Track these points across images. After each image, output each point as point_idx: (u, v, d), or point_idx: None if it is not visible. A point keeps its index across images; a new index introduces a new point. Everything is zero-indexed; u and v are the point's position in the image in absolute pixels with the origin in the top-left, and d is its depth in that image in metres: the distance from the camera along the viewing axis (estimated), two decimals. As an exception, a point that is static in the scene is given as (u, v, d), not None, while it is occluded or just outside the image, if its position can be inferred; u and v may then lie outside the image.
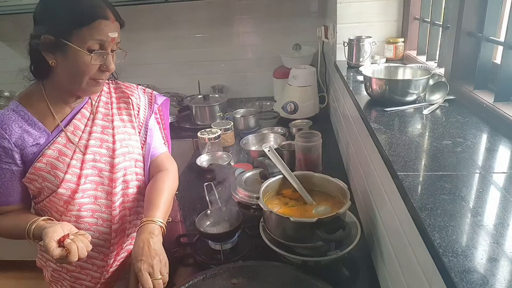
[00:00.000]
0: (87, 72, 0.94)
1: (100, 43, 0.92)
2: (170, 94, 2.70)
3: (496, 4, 1.03)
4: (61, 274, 1.16)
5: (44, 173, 0.99)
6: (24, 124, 0.98)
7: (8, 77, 2.86)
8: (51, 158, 0.99)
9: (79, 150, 1.03)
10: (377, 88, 1.14)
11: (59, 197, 1.02)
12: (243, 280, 0.95)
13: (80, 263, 1.11)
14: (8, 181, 1.00)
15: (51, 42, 0.91)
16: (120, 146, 1.09)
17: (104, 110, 1.10)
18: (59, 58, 0.93)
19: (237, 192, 1.37)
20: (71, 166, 1.01)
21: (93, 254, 1.11)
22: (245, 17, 2.57)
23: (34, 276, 2.67)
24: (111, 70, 0.98)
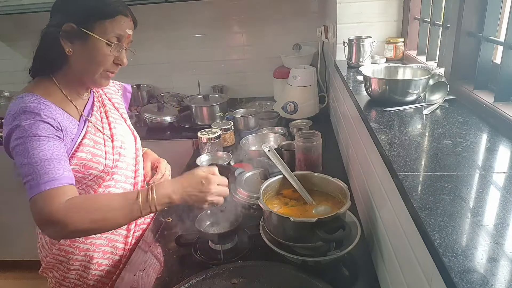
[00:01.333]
0: (103, 63, 0.99)
1: (118, 37, 0.98)
2: (170, 94, 2.70)
3: (496, 4, 1.03)
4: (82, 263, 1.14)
5: (87, 161, 1.02)
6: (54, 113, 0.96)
7: (8, 77, 2.87)
8: (89, 147, 1.04)
9: (108, 138, 1.10)
10: (377, 88, 1.14)
11: (98, 181, 1.07)
12: (243, 280, 0.95)
13: (103, 248, 1.15)
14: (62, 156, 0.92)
15: (72, 30, 0.95)
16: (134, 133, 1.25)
17: (108, 102, 1.19)
18: (77, 47, 0.97)
19: (237, 192, 1.37)
20: (107, 153, 1.08)
21: (114, 237, 1.17)
22: (245, 17, 2.57)
23: (34, 276, 2.66)
24: (124, 64, 1.03)
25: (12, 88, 2.73)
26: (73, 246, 1.11)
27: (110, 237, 1.16)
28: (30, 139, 0.89)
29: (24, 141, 0.89)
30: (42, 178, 0.86)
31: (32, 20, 2.66)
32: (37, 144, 0.89)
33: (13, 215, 2.54)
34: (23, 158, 0.88)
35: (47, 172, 0.87)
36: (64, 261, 1.14)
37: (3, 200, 2.49)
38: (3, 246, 2.66)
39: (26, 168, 0.88)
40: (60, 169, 0.89)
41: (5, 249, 2.66)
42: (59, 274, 1.17)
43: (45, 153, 0.88)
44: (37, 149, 0.88)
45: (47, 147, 0.90)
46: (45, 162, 0.87)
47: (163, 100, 2.58)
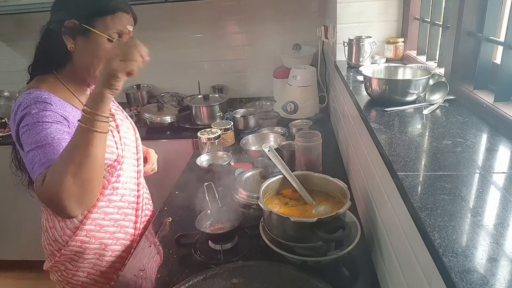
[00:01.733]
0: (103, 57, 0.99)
1: (119, 33, 1.01)
2: (170, 94, 2.70)
3: (496, 4, 1.03)
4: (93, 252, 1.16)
5: None
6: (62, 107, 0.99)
7: (8, 77, 2.87)
8: None
9: (114, 129, 1.16)
10: (377, 88, 1.14)
11: (111, 170, 1.13)
12: (243, 280, 0.95)
13: (116, 235, 1.20)
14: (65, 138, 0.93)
15: (74, 26, 0.97)
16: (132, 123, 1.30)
17: None
18: (79, 43, 0.99)
19: (237, 192, 1.37)
20: (117, 143, 1.14)
21: (124, 224, 1.23)
22: (245, 17, 2.57)
23: (34, 276, 2.67)
24: None
25: (12, 88, 2.73)
26: (89, 235, 1.14)
27: (122, 224, 1.22)
28: (35, 125, 0.91)
29: (29, 128, 0.91)
30: (50, 155, 0.89)
31: (32, 20, 2.65)
32: (42, 128, 0.91)
33: (13, 215, 2.54)
34: (29, 144, 0.91)
35: (54, 151, 0.89)
36: (80, 251, 1.15)
37: (3, 200, 2.49)
38: (3, 246, 2.66)
39: (31, 154, 0.90)
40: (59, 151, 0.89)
41: (5, 249, 2.66)
42: (73, 265, 1.17)
43: (46, 137, 0.90)
44: (42, 132, 0.91)
45: (54, 128, 0.92)
46: (52, 142, 0.90)
47: (163, 100, 2.57)
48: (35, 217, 2.58)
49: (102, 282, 1.21)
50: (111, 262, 1.21)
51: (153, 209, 1.45)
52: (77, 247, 1.14)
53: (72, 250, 1.15)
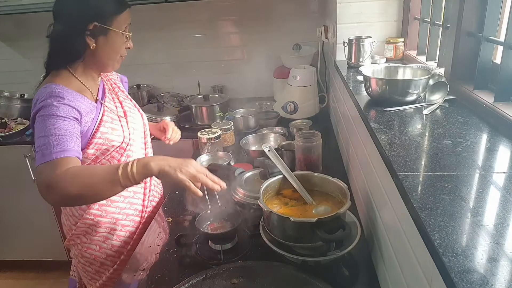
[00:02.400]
0: (120, 50, 1.19)
1: (127, 26, 1.18)
2: (170, 94, 2.70)
3: (496, 4, 1.03)
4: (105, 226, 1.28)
5: (108, 135, 1.19)
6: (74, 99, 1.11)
7: (8, 77, 2.87)
8: (108, 123, 1.20)
9: (122, 115, 1.27)
10: (377, 88, 1.14)
11: (120, 151, 1.24)
12: (243, 280, 0.95)
13: (126, 211, 1.31)
14: (75, 133, 1.07)
15: (96, 28, 1.11)
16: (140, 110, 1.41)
17: (115, 86, 1.36)
18: (100, 41, 1.14)
19: (237, 192, 1.37)
20: (124, 127, 1.25)
21: (133, 201, 1.34)
22: (245, 17, 2.57)
23: (34, 276, 2.67)
24: (132, 47, 1.23)
25: (12, 88, 2.73)
26: (101, 209, 1.26)
27: (131, 201, 1.33)
28: (49, 117, 1.03)
29: (44, 119, 1.04)
30: (54, 148, 0.99)
31: (32, 20, 2.66)
32: (55, 121, 1.03)
33: (13, 216, 2.54)
34: (40, 132, 1.02)
35: (60, 144, 1.00)
36: (93, 224, 1.26)
37: (3, 200, 2.49)
38: (3, 246, 2.66)
39: (41, 140, 1.01)
40: (71, 143, 1.03)
41: (5, 249, 2.66)
42: (87, 238, 1.28)
43: (60, 129, 1.03)
44: (54, 125, 1.03)
45: (63, 125, 1.04)
46: (59, 136, 1.01)
47: (163, 100, 2.57)
48: (35, 217, 2.59)
49: (113, 256, 1.31)
50: (121, 237, 1.31)
51: (162, 192, 1.55)
52: (90, 220, 1.25)
53: (86, 223, 1.26)
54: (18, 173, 2.36)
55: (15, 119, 2.57)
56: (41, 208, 2.46)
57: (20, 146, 2.32)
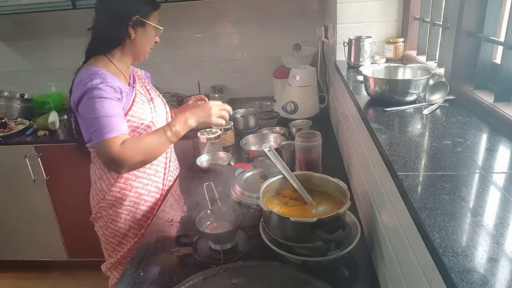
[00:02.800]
0: (151, 42, 1.39)
1: (158, 21, 1.38)
2: (170, 94, 2.70)
3: (496, 4, 1.03)
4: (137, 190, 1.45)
5: (139, 114, 1.36)
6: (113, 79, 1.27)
7: (8, 77, 2.87)
8: (140, 104, 1.37)
9: (149, 100, 1.44)
10: (377, 88, 1.14)
11: (148, 129, 1.38)
12: (243, 280, 0.95)
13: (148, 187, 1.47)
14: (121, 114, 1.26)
15: (137, 21, 1.31)
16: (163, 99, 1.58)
17: (142, 77, 1.53)
18: (138, 32, 1.33)
19: (237, 192, 1.37)
20: (151, 109, 1.42)
21: (155, 178, 1.49)
22: (245, 17, 2.57)
23: (34, 276, 2.67)
24: (158, 42, 1.43)
25: (12, 88, 2.73)
26: (126, 183, 1.42)
27: (153, 178, 1.48)
28: (98, 100, 1.20)
29: (94, 101, 1.19)
30: (108, 128, 1.18)
31: (32, 20, 2.67)
32: (103, 104, 1.20)
33: (13, 216, 2.54)
34: (92, 114, 1.19)
35: (110, 125, 1.19)
36: (120, 197, 1.42)
37: (3, 200, 2.50)
38: (3, 246, 2.66)
39: (95, 121, 1.19)
40: (119, 123, 1.22)
41: (5, 249, 2.67)
42: (113, 211, 1.43)
43: (108, 111, 1.20)
44: (104, 108, 1.20)
45: (110, 107, 1.21)
46: (110, 118, 1.19)
47: (163, 100, 2.57)
48: (35, 217, 2.59)
49: (135, 228, 1.46)
50: (143, 211, 1.46)
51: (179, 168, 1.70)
52: (117, 192, 1.41)
53: (113, 196, 1.41)
54: (18, 173, 2.36)
55: (15, 119, 2.57)
56: (41, 208, 2.47)
57: (20, 146, 2.32)
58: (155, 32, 1.38)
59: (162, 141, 1.27)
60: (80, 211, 1.73)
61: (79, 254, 2.59)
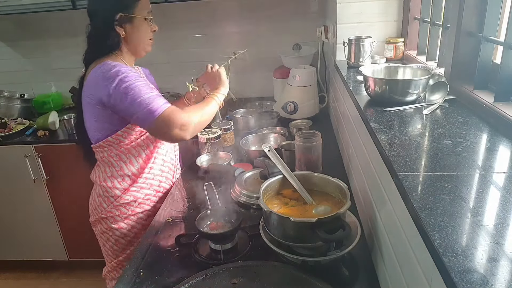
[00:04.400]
0: (147, 34, 1.36)
1: (148, 11, 1.34)
2: (170, 94, 2.70)
3: (496, 4, 1.03)
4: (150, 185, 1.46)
5: None
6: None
7: (8, 77, 2.87)
8: None
9: None
10: (377, 88, 1.14)
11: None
12: (243, 280, 0.95)
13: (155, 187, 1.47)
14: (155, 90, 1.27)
15: (121, 18, 1.27)
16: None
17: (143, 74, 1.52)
18: (127, 29, 1.30)
19: (237, 192, 1.37)
20: None
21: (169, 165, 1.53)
22: (245, 17, 2.57)
23: (34, 276, 2.67)
24: (156, 29, 1.41)
25: (12, 88, 2.73)
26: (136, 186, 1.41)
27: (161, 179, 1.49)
28: (136, 82, 1.21)
29: (131, 84, 1.20)
30: (160, 102, 1.21)
31: (32, 20, 2.67)
32: (142, 84, 1.22)
33: (13, 216, 2.54)
34: (135, 96, 1.19)
35: (160, 98, 1.22)
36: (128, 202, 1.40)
37: (3, 200, 2.50)
38: (3, 246, 2.66)
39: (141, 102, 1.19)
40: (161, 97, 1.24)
41: (5, 249, 2.67)
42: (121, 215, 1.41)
43: (149, 90, 1.22)
44: (145, 87, 1.22)
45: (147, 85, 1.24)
46: (153, 94, 1.22)
47: (163, 100, 2.57)
48: (35, 217, 2.59)
49: (138, 228, 1.45)
50: (147, 211, 1.45)
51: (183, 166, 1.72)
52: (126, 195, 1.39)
53: (123, 199, 1.39)
54: (18, 173, 2.36)
55: (15, 119, 2.57)
56: (41, 208, 2.47)
57: (20, 146, 2.32)
58: (148, 23, 1.34)
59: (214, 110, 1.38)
60: (80, 211, 1.73)
61: (79, 254, 2.59)
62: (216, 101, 1.40)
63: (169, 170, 1.53)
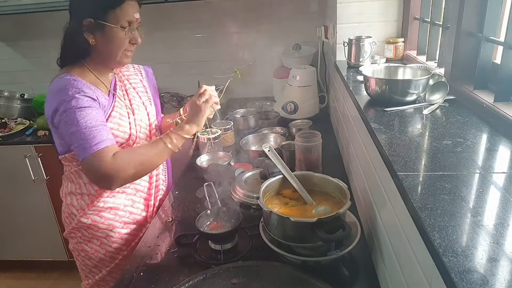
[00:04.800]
0: (121, 45, 1.18)
1: (129, 20, 1.16)
2: (170, 94, 2.70)
3: (496, 4, 1.03)
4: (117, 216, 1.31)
5: (114, 131, 1.21)
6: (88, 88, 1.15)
7: (8, 77, 2.87)
8: (116, 118, 1.23)
9: (130, 111, 1.30)
10: (377, 88, 1.14)
11: (126, 148, 1.25)
12: (243, 280, 0.95)
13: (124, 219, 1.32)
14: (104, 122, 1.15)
15: (91, 24, 1.13)
16: (150, 110, 1.40)
17: (127, 82, 1.36)
18: (98, 37, 1.15)
19: (237, 192, 1.37)
20: (131, 123, 1.27)
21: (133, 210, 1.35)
22: (245, 17, 2.57)
23: (34, 276, 2.67)
24: (139, 43, 1.22)
25: (12, 88, 2.73)
26: (99, 215, 1.27)
27: (131, 210, 1.34)
28: (77, 110, 1.09)
29: (72, 112, 1.09)
30: (93, 141, 1.08)
31: (32, 20, 2.66)
32: (84, 114, 1.09)
33: (13, 216, 2.54)
34: (72, 127, 1.09)
35: (95, 136, 1.08)
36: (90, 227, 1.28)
37: (3, 200, 2.50)
38: (3, 246, 2.66)
39: (76, 135, 1.08)
40: (105, 133, 1.11)
41: (5, 249, 2.67)
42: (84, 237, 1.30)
43: (91, 121, 1.09)
44: (84, 118, 1.09)
45: (91, 116, 1.10)
46: (92, 129, 1.09)
47: (163, 100, 2.57)
48: (35, 217, 2.59)
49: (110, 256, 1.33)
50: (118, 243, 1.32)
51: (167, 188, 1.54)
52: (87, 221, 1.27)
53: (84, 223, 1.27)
54: (18, 173, 2.36)
55: (15, 119, 2.57)
56: (41, 208, 2.47)
57: (20, 146, 2.32)
58: (126, 33, 1.16)
59: (161, 153, 1.18)
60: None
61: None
62: (167, 145, 1.19)
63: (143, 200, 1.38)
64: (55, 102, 1.11)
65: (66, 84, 1.12)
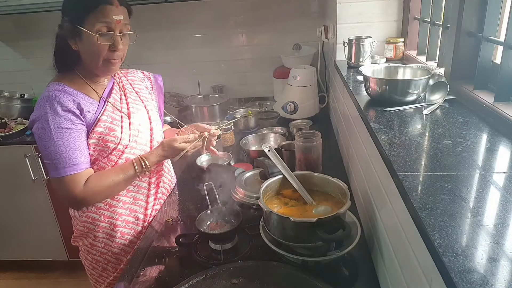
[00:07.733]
0: (99, 52, 1.11)
1: (107, 25, 1.08)
2: (170, 94, 2.70)
3: (496, 4, 1.03)
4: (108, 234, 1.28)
5: (104, 135, 1.17)
6: (74, 97, 1.13)
7: (8, 77, 2.87)
8: (107, 123, 1.19)
9: (125, 116, 1.25)
10: (377, 88, 1.14)
11: (117, 153, 1.21)
12: (243, 280, 0.95)
13: (124, 217, 1.28)
14: (82, 144, 1.13)
15: (70, 28, 1.09)
16: (152, 115, 1.35)
17: (129, 87, 1.33)
18: (78, 43, 1.11)
19: (237, 192, 1.37)
20: (124, 128, 1.22)
21: (135, 208, 1.31)
22: (245, 17, 2.57)
23: (34, 276, 2.67)
24: (120, 50, 1.13)
25: (12, 88, 2.73)
26: (98, 213, 1.25)
27: (132, 208, 1.30)
28: (55, 130, 1.08)
29: (49, 130, 1.07)
30: (66, 163, 1.08)
31: (32, 20, 2.66)
32: (61, 135, 1.08)
33: (13, 216, 2.54)
34: (48, 144, 1.08)
35: (71, 158, 1.09)
36: (92, 228, 1.26)
37: (3, 200, 2.49)
38: (3, 246, 2.66)
39: (52, 152, 1.08)
40: (81, 156, 1.11)
41: (5, 249, 2.67)
42: (88, 242, 1.29)
43: (68, 143, 1.09)
44: (62, 140, 1.08)
45: (70, 137, 1.09)
46: (69, 152, 1.08)
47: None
48: (35, 217, 2.59)
49: (114, 262, 1.31)
50: (122, 244, 1.29)
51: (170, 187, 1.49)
52: (88, 223, 1.25)
53: (85, 226, 1.26)
54: (18, 173, 2.36)
55: (15, 119, 2.57)
56: (41, 208, 2.47)
57: (20, 146, 2.32)
58: (103, 37, 1.08)
59: (129, 180, 1.21)
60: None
61: (79, 254, 2.59)
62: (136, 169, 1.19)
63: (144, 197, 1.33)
64: (37, 111, 1.10)
65: (50, 96, 1.09)
